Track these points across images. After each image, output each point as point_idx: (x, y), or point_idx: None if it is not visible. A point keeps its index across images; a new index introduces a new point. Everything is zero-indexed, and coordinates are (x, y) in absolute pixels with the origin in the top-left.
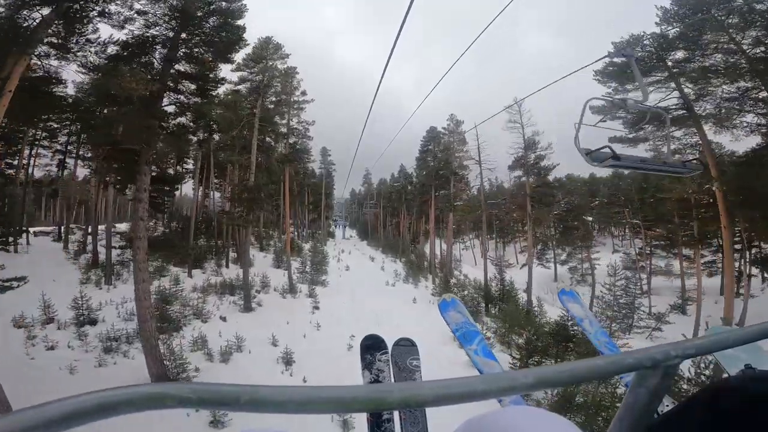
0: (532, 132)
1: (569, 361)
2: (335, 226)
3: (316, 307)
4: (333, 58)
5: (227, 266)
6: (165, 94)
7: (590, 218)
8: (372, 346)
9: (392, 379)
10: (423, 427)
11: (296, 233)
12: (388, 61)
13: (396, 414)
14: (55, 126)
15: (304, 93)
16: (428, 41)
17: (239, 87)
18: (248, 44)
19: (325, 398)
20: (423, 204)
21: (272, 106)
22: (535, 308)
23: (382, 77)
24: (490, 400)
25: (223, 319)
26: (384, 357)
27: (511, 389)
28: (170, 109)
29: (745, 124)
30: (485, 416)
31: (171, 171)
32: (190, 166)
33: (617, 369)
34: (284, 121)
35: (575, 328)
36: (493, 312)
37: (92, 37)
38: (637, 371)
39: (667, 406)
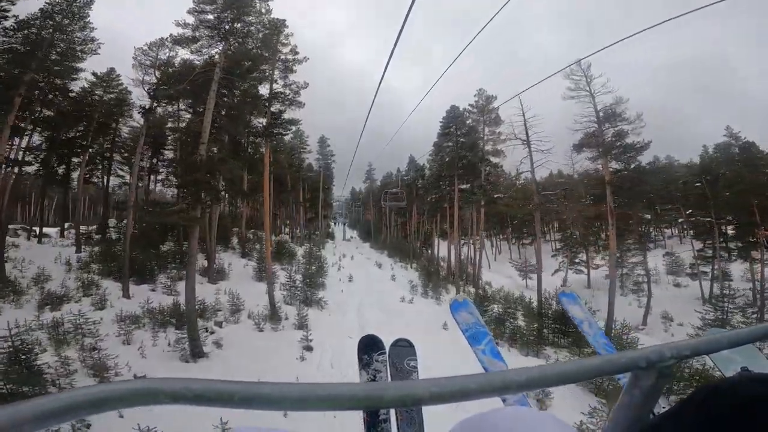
0: (613, 98)
1: (563, 361)
2: (335, 225)
3: (308, 347)
4: (335, 57)
5: None
6: None
7: (648, 216)
8: (369, 345)
9: (389, 380)
10: (419, 427)
11: (290, 234)
12: (393, 50)
13: (392, 414)
14: None
15: (294, 51)
16: (435, 36)
17: (196, 34)
18: None
19: (322, 396)
20: (438, 200)
21: (244, 55)
22: (625, 337)
23: (387, 63)
24: (493, 401)
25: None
26: (381, 357)
27: (504, 388)
28: None
29: None
30: (480, 416)
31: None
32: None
33: (611, 369)
34: (267, 68)
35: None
36: (552, 338)
37: None
38: (631, 372)
39: (663, 407)
